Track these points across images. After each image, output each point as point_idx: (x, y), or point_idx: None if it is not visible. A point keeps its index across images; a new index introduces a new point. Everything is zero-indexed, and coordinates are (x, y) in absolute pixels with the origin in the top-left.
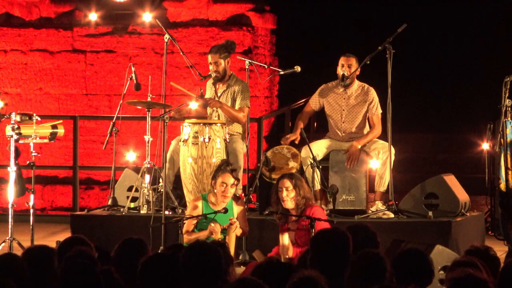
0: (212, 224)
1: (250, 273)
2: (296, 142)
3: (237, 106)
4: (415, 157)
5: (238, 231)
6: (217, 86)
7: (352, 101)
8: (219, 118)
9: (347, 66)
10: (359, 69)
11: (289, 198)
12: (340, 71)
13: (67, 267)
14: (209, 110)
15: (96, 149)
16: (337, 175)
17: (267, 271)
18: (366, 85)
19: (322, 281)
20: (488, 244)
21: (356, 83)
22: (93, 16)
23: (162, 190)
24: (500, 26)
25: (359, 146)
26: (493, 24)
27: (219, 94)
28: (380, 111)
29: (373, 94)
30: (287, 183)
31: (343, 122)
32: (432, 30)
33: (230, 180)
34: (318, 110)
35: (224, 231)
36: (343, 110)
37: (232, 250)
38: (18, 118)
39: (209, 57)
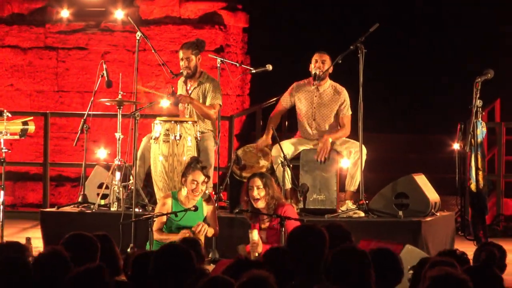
0: (186, 234)
1: (220, 273)
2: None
3: (207, 103)
4: (386, 157)
5: (209, 232)
6: (188, 83)
7: (323, 99)
8: (190, 116)
9: (320, 62)
10: (331, 68)
11: (260, 196)
12: (313, 68)
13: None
14: (180, 107)
15: (67, 146)
16: (308, 174)
17: (236, 270)
18: (339, 85)
19: (272, 281)
20: (457, 244)
21: (328, 81)
22: (65, 13)
23: (132, 187)
24: (472, 28)
25: (330, 140)
26: (464, 25)
27: (190, 91)
28: (350, 112)
29: (345, 95)
30: (258, 181)
31: (314, 120)
32: (404, 30)
33: (201, 177)
34: (289, 107)
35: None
36: (315, 108)
37: None
38: None
39: (181, 53)
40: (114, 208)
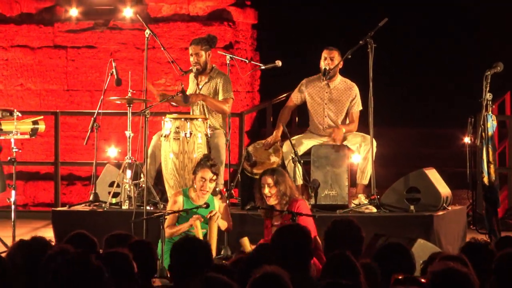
0: (197, 220)
1: (231, 264)
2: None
3: (220, 98)
4: (396, 152)
5: (221, 223)
6: (199, 79)
7: (334, 95)
8: (203, 113)
9: (329, 59)
10: (341, 63)
11: (271, 194)
12: (322, 64)
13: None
14: (191, 104)
15: (77, 145)
16: (319, 170)
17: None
18: (349, 81)
19: (285, 277)
20: (470, 238)
21: (339, 77)
22: (74, 11)
23: (143, 185)
24: (481, 19)
25: (344, 130)
26: (474, 17)
27: (200, 86)
28: (360, 108)
29: (355, 90)
30: (269, 179)
31: (325, 116)
32: (413, 23)
33: (209, 175)
34: (300, 103)
35: (206, 225)
36: (325, 104)
37: (214, 245)
38: None
39: (190, 49)
40: (125, 207)
